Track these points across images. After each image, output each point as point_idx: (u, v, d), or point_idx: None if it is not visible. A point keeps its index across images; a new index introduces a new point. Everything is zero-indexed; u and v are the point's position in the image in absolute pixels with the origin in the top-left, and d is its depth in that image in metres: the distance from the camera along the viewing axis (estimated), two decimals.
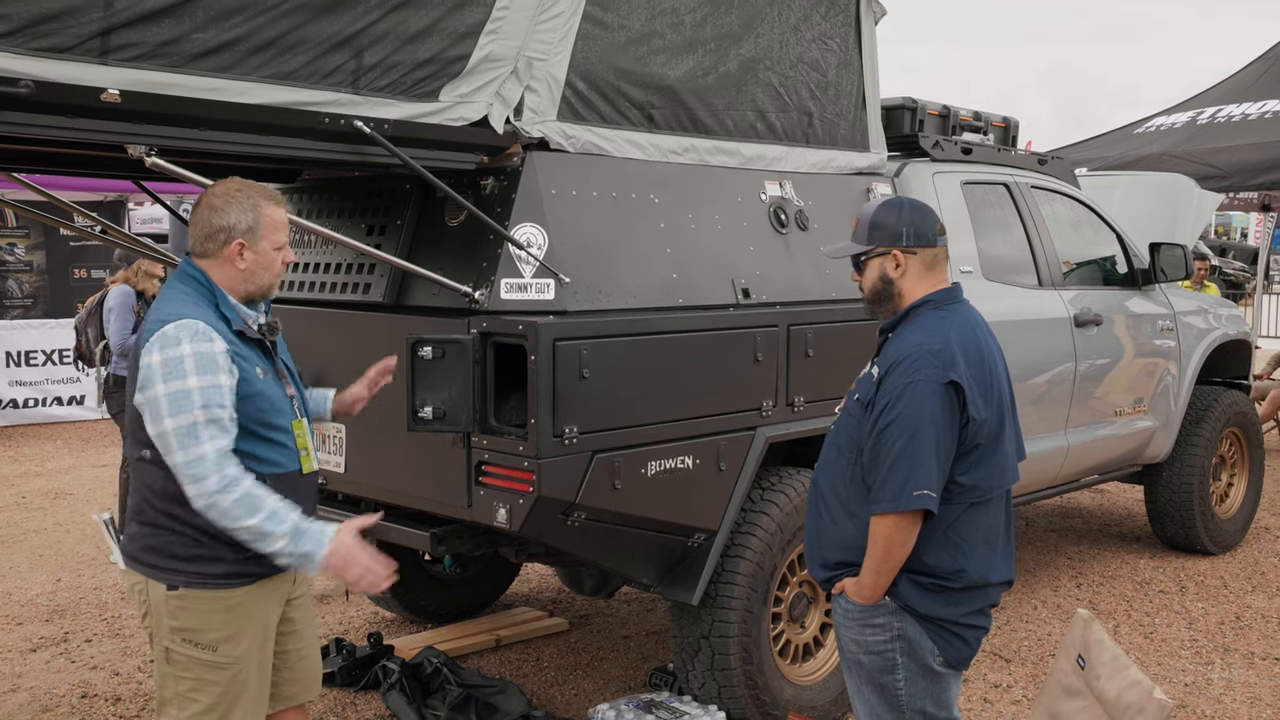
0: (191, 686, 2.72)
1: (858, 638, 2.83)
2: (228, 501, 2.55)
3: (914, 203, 2.97)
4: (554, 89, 3.69)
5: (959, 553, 2.75)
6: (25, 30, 2.57)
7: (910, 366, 2.71)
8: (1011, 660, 5.09)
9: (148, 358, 2.59)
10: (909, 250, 2.88)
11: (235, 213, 2.74)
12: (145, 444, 2.67)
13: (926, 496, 2.65)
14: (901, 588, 2.76)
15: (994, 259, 5.36)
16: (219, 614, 2.71)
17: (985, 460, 2.76)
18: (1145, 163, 9.47)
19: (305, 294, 4.14)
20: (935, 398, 2.67)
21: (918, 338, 2.77)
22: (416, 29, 3.33)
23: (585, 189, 3.77)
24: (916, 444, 2.65)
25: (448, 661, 4.59)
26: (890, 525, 2.68)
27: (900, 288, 2.89)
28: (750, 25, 4.30)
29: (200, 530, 2.66)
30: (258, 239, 2.76)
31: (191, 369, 2.55)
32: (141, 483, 2.73)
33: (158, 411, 2.56)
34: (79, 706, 4.60)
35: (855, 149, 4.84)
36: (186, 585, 2.68)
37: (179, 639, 2.70)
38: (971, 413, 2.70)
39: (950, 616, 2.78)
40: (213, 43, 2.90)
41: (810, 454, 4.43)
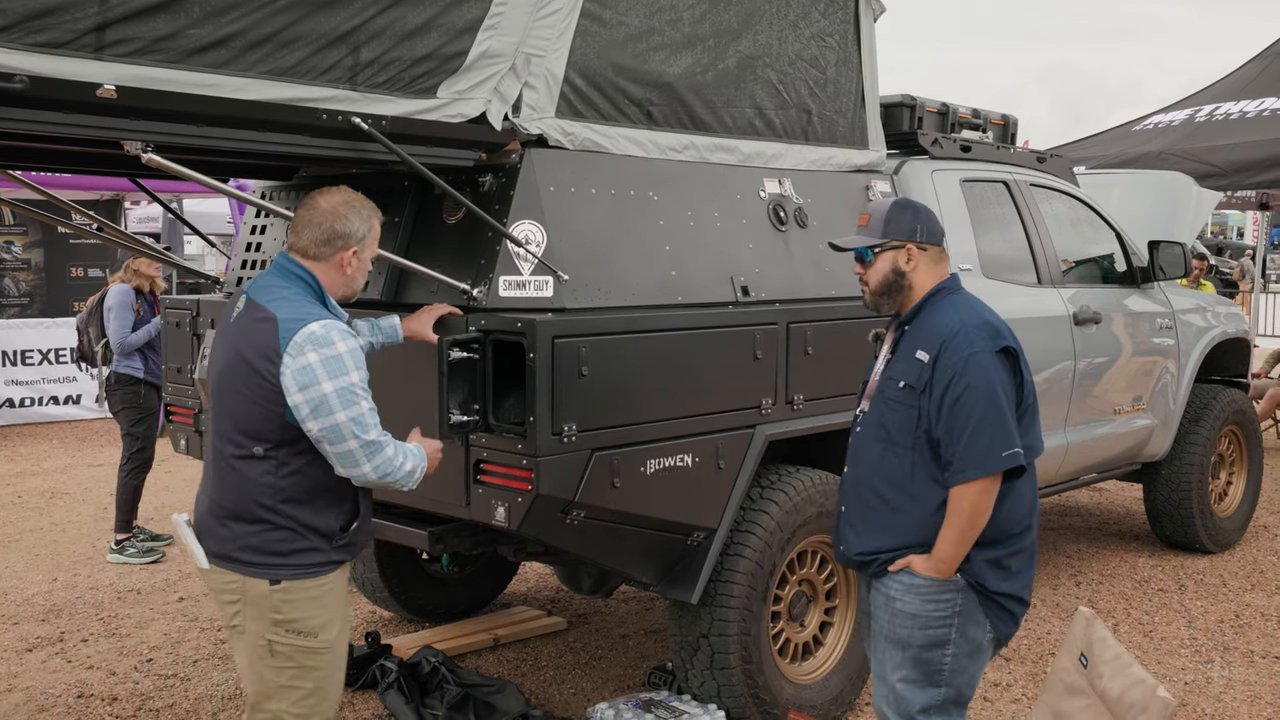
0: (295, 675, 2.87)
1: (918, 611, 2.92)
2: (396, 464, 2.82)
3: (923, 205, 3.16)
4: (552, 85, 3.68)
5: (1021, 514, 2.93)
6: (20, 25, 2.55)
7: (964, 340, 2.88)
8: (1010, 659, 5.08)
9: (302, 358, 2.71)
10: (921, 246, 3.05)
11: (356, 221, 2.92)
12: (261, 439, 2.78)
13: (1017, 454, 2.82)
14: (973, 564, 2.89)
15: (993, 257, 5.35)
16: (318, 601, 2.87)
17: (1034, 421, 2.96)
18: (1143, 161, 9.47)
19: None
20: (997, 364, 2.86)
21: (953, 317, 2.95)
22: (414, 24, 3.31)
23: (584, 186, 3.75)
24: (992, 409, 2.82)
25: (446, 661, 4.58)
26: (978, 491, 2.82)
27: (911, 280, 3.06)
28: (749, 22, 4.29)
29: (301, 524, 2.83)
30: (366, 248, 2.96)
31: (351, 365, 2.75)
32: (248, 481, 2.80)
33: (327, 407, 2.71)
34: (75, 706, 4.58)
35: (854, 146, 4.83)
36: (290, 578, 2.82)
37: (283, 630, 2.84)
38: (1025, 375, 2.92)
39: (1013, 590, 2.93)
40: (209, 38, 2.88)
41: (810, 452, 4.45)
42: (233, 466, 2.82)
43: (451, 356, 3.34)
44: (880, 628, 3.04)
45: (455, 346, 3.35)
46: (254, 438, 2.79)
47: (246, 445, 2.80)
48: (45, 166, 4.25)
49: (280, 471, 2.79)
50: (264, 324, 2.77)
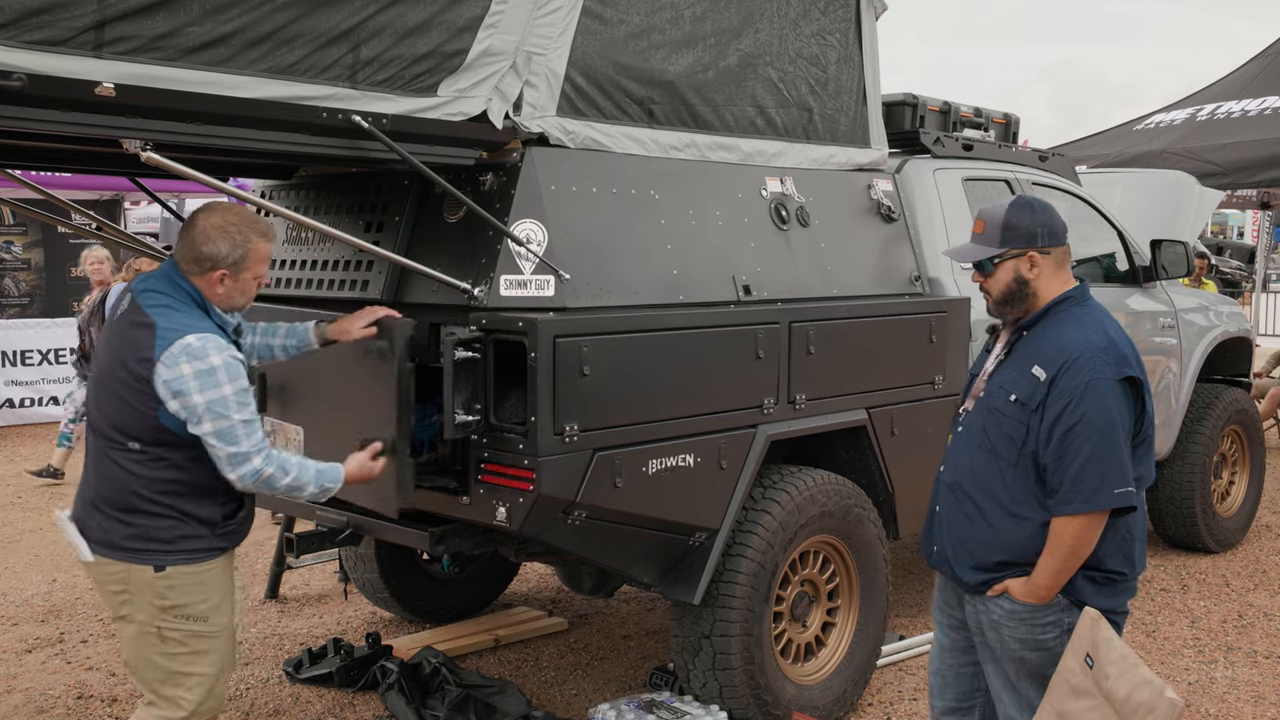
0: (188, 660, 2.96)
1: (1025, 636, 2.84)
2: (267, 474, 2.90)
3: (1041, 201, 2.99)
4: (553, 84, 3.66)
5: (1131, 544, 2.84)
6: (18, 23, 2.53)
7: (1086, 365, 2.73)
8: None
9: (176, 368, 2.80)
10: (1044, 250, 2.91)
11: (225, 246, 2.97)
12: (135, 436, 2.88)
13: (1129, 494, 2.71)
14: (1077, 584, 2.80)
15: None
16: (204, 585, 2.96)
17: (1149, 452, 2.84)
18: (1145, 160, 9.46)
19: (303, 291, 4.10)
20: (1117, 394, 2.72)
21: (1078, 335, 2.81)
22: (414, 23, 3.29)
23: (585, 185, 3.74)
24: (1107, 442, 2.69)
25: (446, 661, 4.56)
26: (1082, 525, 2.71)
27: (1035, 288, 2.91)
28: (750, 20, 4.28)
29: (182, 512, 2.93)
30: (242, 269, 3.01)
31: (225, 378, 2.83)
32: (126, 474, 2.90)
33: (197, 417, 2.82)
34: (75, 707, 4.57)
35: (856, 145, 4.82)
36: (174, 564, 2.91)
37: (172, 616, 2.93)
38: (1147, 404, 2.78)
39: (1115, 607, 2.85)
40: (208, 36, 2.86)
41: (812, 451, 4.44)
42: (112, 460, 2.92)
43: (457, 356, 3.32)
44: (990, 648, 2.95)
45: (460, 346, 3.34)
46: (128, 435, 2.89)
47: (122, 441, 2.90)
48: (45, 166, 4.24)
49: (157, 466, 2.90)
50: (141, 329, 2.87)
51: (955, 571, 2.96)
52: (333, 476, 3.06)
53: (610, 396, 3.51)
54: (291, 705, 4.57)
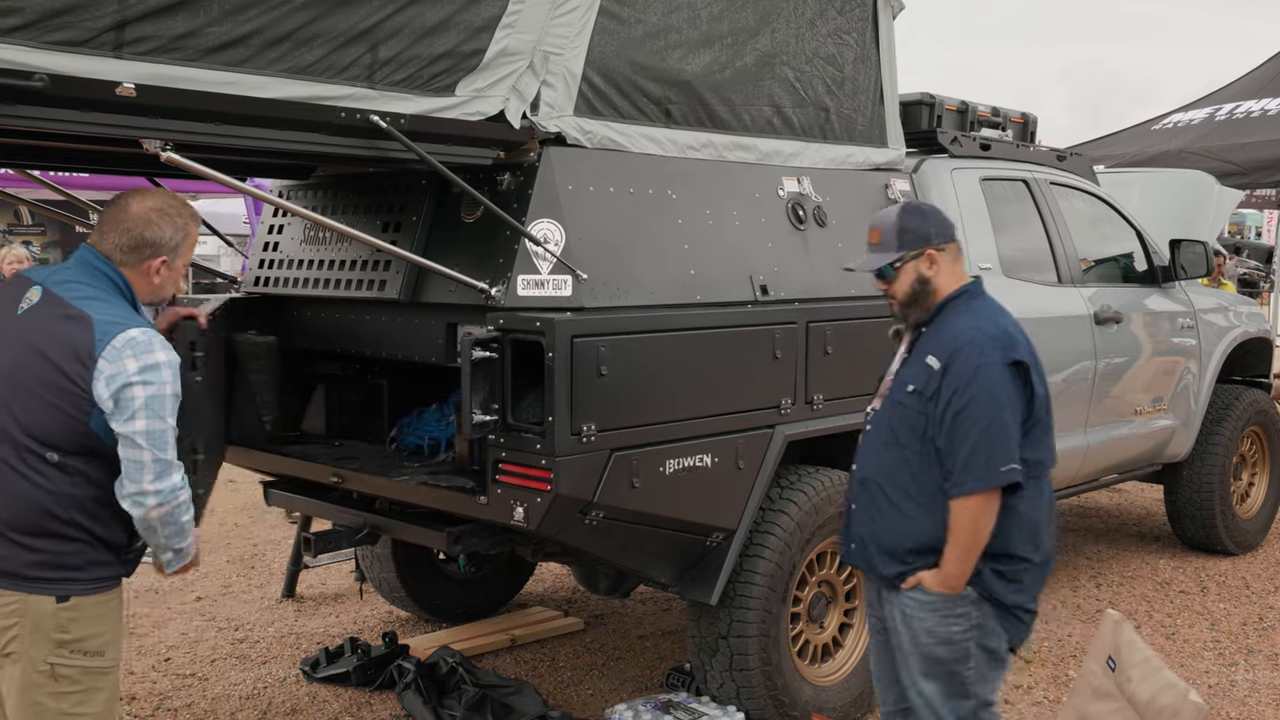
0: (79, 700, 2.64)
1: (936, 629, 2.91)
2: (183, 496, 2.66)
3: (928, 204, 3.15)
4: (570, 84, 3.66)
5: (1032, 528, 2.89)
6: (39, 24, 2.55)
7: (976, 350, 2.84)
8: (1031, 661, 5.04)
9: (119, 363, 2.55)
10: (939, 247, 3.02)
11: (169, 230, 2.75)
12: (55, 445, 2.58)
13: (1014, 470, 2.79)
14: (984, 577, 2.87)
15: (1013, 256, 5.31)
16: (104, 617, 2.68)
17: (1045, 435, 2.92)
18: (1163, 159, 9.41)
19: (321, 291, 4.11)
20: (1006, 378, 2.82)
21: (969, 323, 2.92)
22: (432, 23, 3.29)
23: (602, 185, 3.73)
24: (995, 423, 2.79)
25: (463, 661, 4.57)
26: (977, 505, 2.80)
27: (935, 285, 3.02)
28: (766, 20, 4.27)
29: (94, 536, 2.64)
30: (178, 257, 2.79)
31: (169, 377, 2.61)
32: (38, 490, 2.58)
33: (131, 411, 2.55)
34: None
35: (873, 144, 4.80)
36: (80, 593, 2.62)
37: (68, 651, 2.61)
38: (1036, 388, 2.86)
39: (1024, 603, 2.91)
40: (228, 36, 2.87)
41: (830, 452, 4.42)
42: (19, 474, 2.58)
43: (474, 356, 3.32)
44: (901, 642, 3.02)
45: (477, 346, 3.33)
46: (47, 444, 2.58)
47: (38, 451, 2.57)
48: (63, 166, 4.26)
49: (74, 481, 2.59)
50: (73, 322, 2.58)
51: (872, 565, 3.04)
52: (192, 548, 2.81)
53: (628, 396, 3.50)
54: (309, 704, 4.58)
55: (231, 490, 8.43)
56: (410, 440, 4.29)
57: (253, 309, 4.40)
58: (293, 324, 4.46)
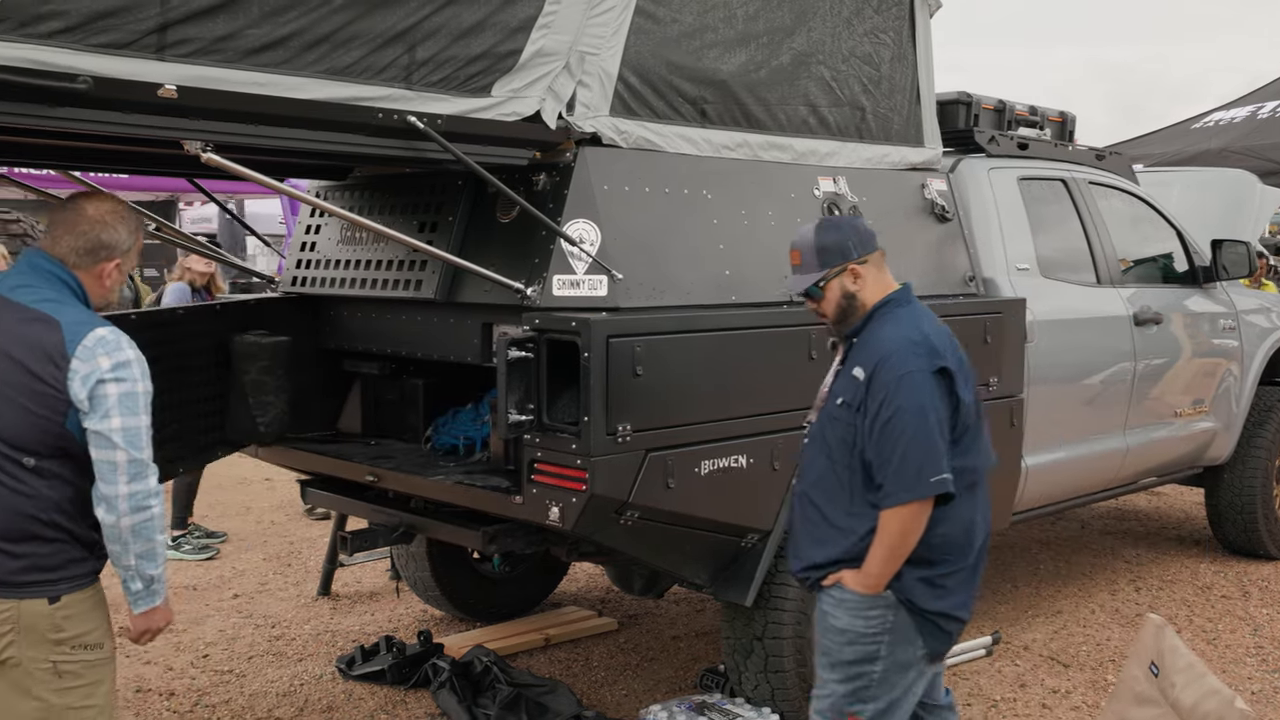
0: (85, 693, 2.68)
1: (847, 626, 2.89)
2: (158, 509, 2.64)
3: (845, 216, 3.10)
4: (606, 84, 3.66)
5: (958, 537, 2.86)
6: (83, 26, 2.57)
7: (899, 359, 2.81)
8: (1070, 665, 4.99)
9: (93, 361, 2.56)
10: (861, 260, 2.99)
11: (124, 232, 2.76)
12: (32, 450, 2.58)
13: (945, 480, 2.75)
14: (905, 582, 2.83)
15: (1051, 256, 5.27)
16: (94, 611, 2.72)
17: (975, 442, 2.90)
18: (1204, 158, 9.29)
19: (358, 291, 4.14)
20: (929, 385, 2.79)
21: (893, 332, 2.89)
22: (469, 24, 3.31)
23: (638, 185, 3.73)
24: (923, 432, 2.75)
25: (498, 660, 4.58)
26: (907, 515, 2.76)
27: (862, 298, 2.99)
28: (802, 19, 4.25)
29: (72, 535, 2.66)
30: (128, 260, 2.80)
31: (140, 374, 2.63)
32: (18, 496, 2.58)
33: (105, 409, 2.56)
34: (133, 701, 4.64)
35: (909, 144, 4.77)
36: (66, 592, 2.65)
37: (68, 648, 2.65)
38: (961, 395, 2.83)
39: (947, 609, 2.87)
40: (267, 38, 2.89)
41: None
42: (10, 483, 2.58)
43: (510, 356, 3.32)
44: (816, 637, 3.02)
45: (513, 346, 3.34)
46: (23, 449, 2.57)
47: (14, 457, 2.57)
48: (104, 167, 4.30)
49: (52, 483, 2.60)
50: (39, 325, 2.58)
51: (800, 569, 3.03)
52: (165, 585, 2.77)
53: (663, 397, 3.50)
54: (344, 702, 4.61)
55: (268, 488, 8.51)
56: (446, 440, 4.31)
57: (269, 308, 4.44)
58: (329, 324, 4.49)
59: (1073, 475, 5.36)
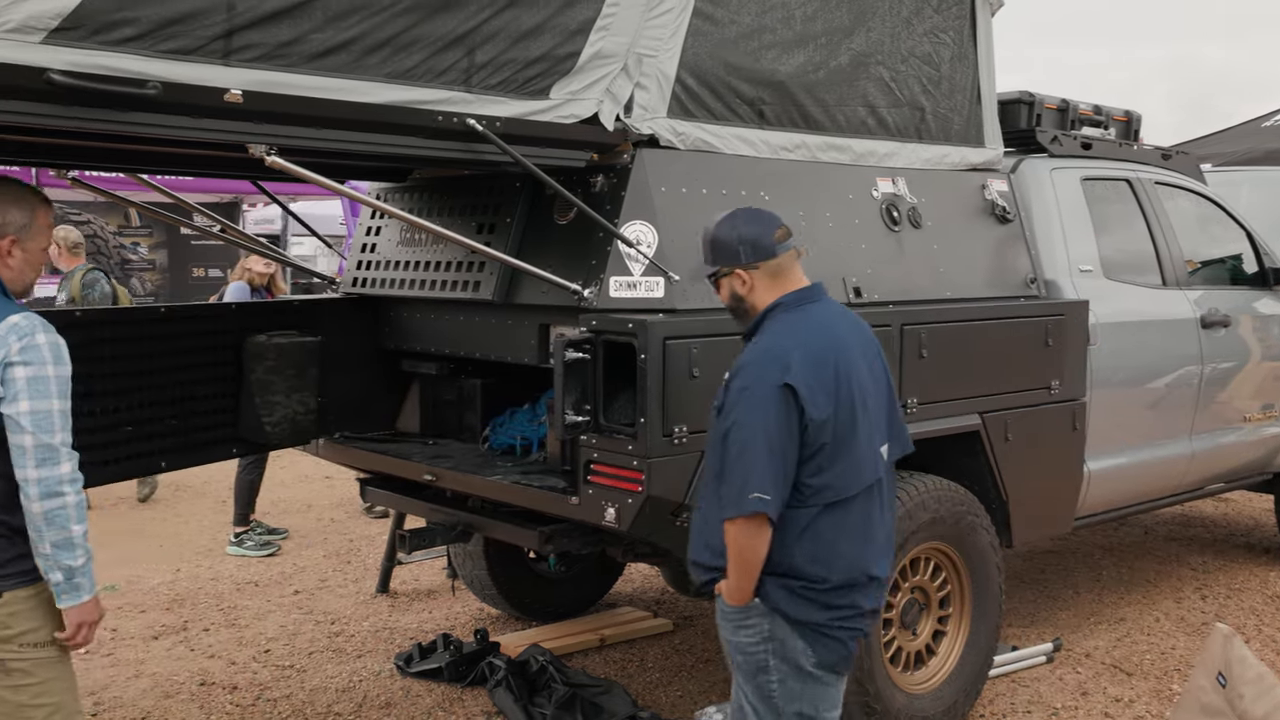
0: (37, 691, 2.68)
1: (731, 638, 2.87)
2: (72, 497, 2.61)
3: (750, 214, 2.97)
4: (664, 86, 3.67)
5: (821, 554, 2.77)
6: (153, 33, 2.63)
7: (747, 372, 2.76)
8: (1133, 674, 4.90)
9: (5, 348, 2.58)
10: (750, 267, 2.89)
11: (14, 213, 2.75)
12: None
13: (760, 499, 2.67)
14: (769, 591, 2.78)
15: (1115, 258, 5.18)
16: (42, 609, 2.70)
17: (836, 460, 2.76)
18: (1275, 158, 9.07)
19: (417, 291, 4.18)
20: (770, 401, 2.69)
21: (764, 343, 2.82)
22: (528, 26, 3.33)
23: (695, 186, 3.73)
24: (751, 448, 2.68)
25: (553, 660, 4.60)
26: (737, 530, 2.72)
27: (751, 302, 2.91)
28: (861, 19, 4.22)
29: (14, 529, 2.64)
30: (29, 238, 2.78)
31: (50, 358, 2.62)
32: None
33: (14, 393, 2.57)
34: (198, 694, 4.72)
35: (970, 144, 4.72)
36: (9, 589, 2.65)
37: (16, 645, 2.66)
38: (810, 413, 2.70)
39: (819, 620, 2.79)
40: (330, 43, 2.93)
41: (924, 457, 4.35)
42: None
43: (567, 357, 3.34)
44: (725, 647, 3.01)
45: (570, 347, 3.36)
46: None
47: None
48: (171, 169, 4.38)
49: None
50: None
51: (692, 572, 2.98)
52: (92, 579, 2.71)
53: None
54: (402, 698, 4.66)
55: (328, 486, 8.63)
56: (503, 440, 4.34)
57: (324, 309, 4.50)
58: (389, 324, 4.54)
59: (1136, 480, 5.27)
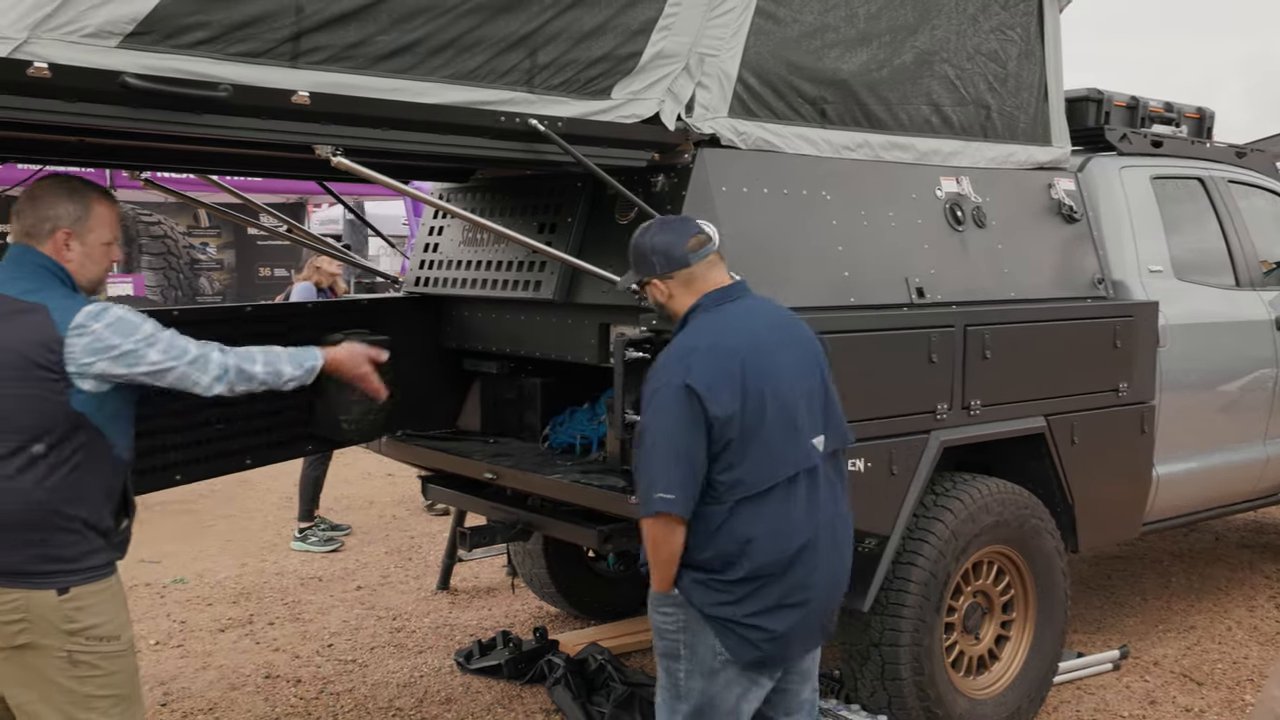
0: (102, 684, 2.73)
1: (653, 618, 2.92)
2: (233, 364, 2.82)
3: (664, 224, 3.03)
4: (725, 85, 3.66)
5: (734, 549, 2.77)
6: (224, 36, 2.68)
7: (656, 373, 2.82)
8: (1204, 683, 4.79)
9: (89, 332, 2.64)
10: (666, 277, 2.94)
11: (68, 206, 2.78)
12: (39, 435, 2.63)
13: (663, 500, 2.72)
14: (684, 583, 2.82)
15: (1186, 258, 5.08)
16: (109, 603, 2.75)
17: (745, 455, 2.76)
18: None
19: (479, 291, 4.22)
20: (673, 402, 2.73)
21: (673, 345, 2.87)
22: (590, 27, 3.34)
23: (756, 186, 3.72)
24: (655, 448, 2.75)
25: (612, 659, 4.61)
26: (648, 527, 2.78)
27: (672, 307, 2.97)
28: (926, 17, 4.18)
29: (86, 524, 2.70)
30: (87, 230, 2.80)
31: (139, 319, 2.74)
32: (21, 485, 2.62)
33: (138, 356, 2.69)
34: (263, 687, 4.80)
35: (1036, 143, 4.65)
36: (77, 584, 2.69)
37: (83, 639, 2.70)
38: (713, 411, 2.72)
39: (731, 616, 2.79)
40: (395, 44, 2.96)
41: (987, 459, 4.30)
42: (8, 473, 2.62)
43: (627, 357, 3.35)
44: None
45: (630, 346, 3.36)
46: (32, 435, 2.62)
47: (23, 445, 2.62)
48: (239, 170, 4.46)
49: (61, 470, 2.64)
50: (26, 315, 2.65)
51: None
52: (310, 355, 2.95)
53: None
54: (462, 694, 4.70)
55: (391, 483, 8.73)
56: (562, 439, 4.36)
57: (388, 308, 4.54)
58: (450, 323, 4.58)
59: (1207, 485, 5.16)
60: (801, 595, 2.83)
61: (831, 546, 2.90)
